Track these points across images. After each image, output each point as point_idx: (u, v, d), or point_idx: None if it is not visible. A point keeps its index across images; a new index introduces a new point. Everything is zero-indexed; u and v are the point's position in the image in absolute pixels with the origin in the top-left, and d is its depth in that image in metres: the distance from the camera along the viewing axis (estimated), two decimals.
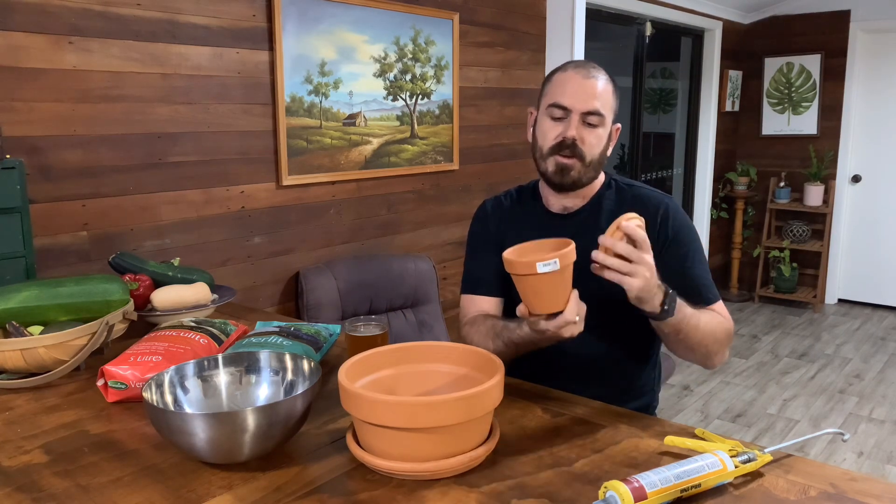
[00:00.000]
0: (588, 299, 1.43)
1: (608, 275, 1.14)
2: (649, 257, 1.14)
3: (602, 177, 1.49)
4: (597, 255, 1.13)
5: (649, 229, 1.41)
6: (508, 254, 1.15)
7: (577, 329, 1.18)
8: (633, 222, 1.14)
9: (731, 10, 5.05)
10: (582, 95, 1.35)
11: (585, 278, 1.43)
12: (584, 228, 1.45)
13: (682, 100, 5.18)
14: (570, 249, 1.13)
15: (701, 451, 0.98)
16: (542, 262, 1.09)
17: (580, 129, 1.36)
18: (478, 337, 1.42)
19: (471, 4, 3.06)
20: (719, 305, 1.42)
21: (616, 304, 1.25)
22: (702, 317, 1.30)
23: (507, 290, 1.53)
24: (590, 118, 1.36)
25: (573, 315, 1.15)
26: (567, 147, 1.37)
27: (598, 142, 1.38)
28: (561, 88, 1.38)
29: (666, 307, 1.20)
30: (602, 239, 1.13)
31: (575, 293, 1.17)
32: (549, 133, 1.39)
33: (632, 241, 1.13)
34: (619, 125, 1.45)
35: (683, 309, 1.24)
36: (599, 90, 1.36)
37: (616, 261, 1.13)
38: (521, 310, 1.19)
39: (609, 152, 1.45)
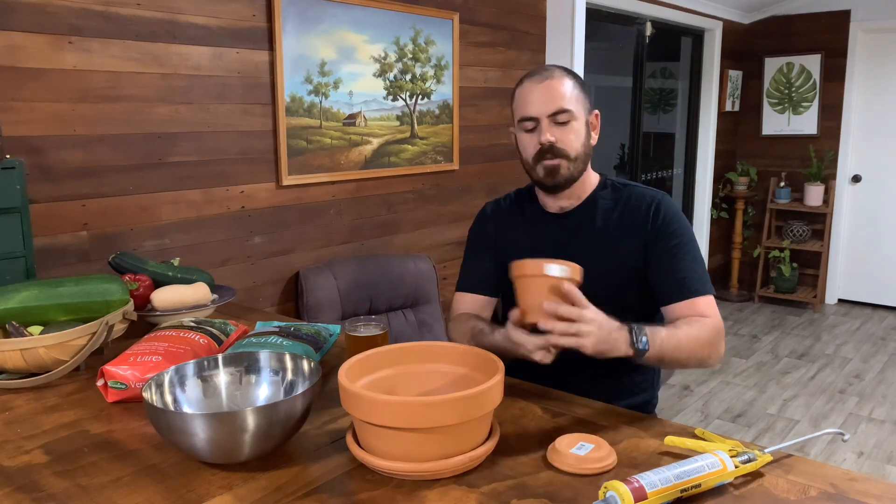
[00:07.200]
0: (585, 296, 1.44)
1: (561, 341, 1.14)
2: (590, 312, 1.14)
3: (597, 177, 1.52)
4: (545, 326, 1.13)
5: (640, 223, 1.42)
6: (520, 261, 1.18)
7: (549, 358, 1.20)
8: (564, 283, 1.14)
9: (731, 10, 5.05)
10: (542, 100, 1.39)
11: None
12: (580, 228, 1.48)
13: (682, 100, 5.18)
14: (577, 268, 1.17)
15: (701, 451, 0.98)
16: (552, 265, 1.14)
17: (552, 130, 1.40)
18: (457, 334, 1.48)
19: (471, 4, 3.06)
20: (706, 300, 1.37)
21: (612, 302, 1.25)
22: (679, 333, 1.27)
23: (498, 293, 1.58)
24: (558, 117, 1.39)
25: (556, 339, 1.17)
26: (547, 151, 1.40)
27: (575, 137, 1.41)
28: (524, 102, 1.42)
29: (638, 346, 1.19)
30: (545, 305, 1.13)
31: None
32: (528, 145, 1.44)
33: (570, 301, 1.14)
34: (596, 111, 1.48)
35: (657, 335, 1.22)
36: (558, 89, 1.39)
37: (561, 324, 1.13)
38: (513, 315, 1.22)
39: (594, 141, 1.47)
